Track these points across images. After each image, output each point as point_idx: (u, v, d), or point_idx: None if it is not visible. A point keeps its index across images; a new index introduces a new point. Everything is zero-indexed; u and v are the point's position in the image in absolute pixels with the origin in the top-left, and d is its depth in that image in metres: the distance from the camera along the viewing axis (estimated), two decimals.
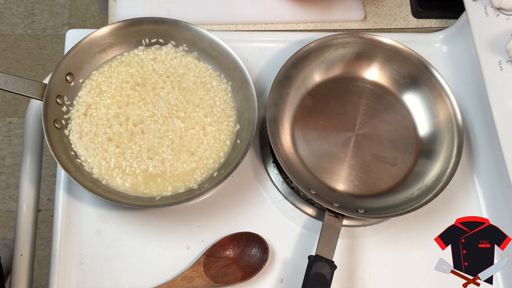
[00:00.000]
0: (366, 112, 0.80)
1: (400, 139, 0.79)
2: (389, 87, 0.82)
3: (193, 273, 0.68)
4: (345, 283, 0.72)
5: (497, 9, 0.73)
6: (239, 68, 0.75)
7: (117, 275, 0.69)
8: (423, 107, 0.80)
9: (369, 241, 0.75)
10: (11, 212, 1.57)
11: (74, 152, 0.71)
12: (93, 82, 0.76)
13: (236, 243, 0.71)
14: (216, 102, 0.76)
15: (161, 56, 0.78)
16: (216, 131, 0.75)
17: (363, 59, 0.82)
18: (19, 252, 0.73)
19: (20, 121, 1.68)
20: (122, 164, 0.71)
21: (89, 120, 0.73)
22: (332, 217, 0.68)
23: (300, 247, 0.73)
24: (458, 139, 0.75)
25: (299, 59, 0.78)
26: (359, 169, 0.76)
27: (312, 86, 0.81)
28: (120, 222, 0.72)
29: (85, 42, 0.74)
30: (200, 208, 0.74)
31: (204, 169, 0.72)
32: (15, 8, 1.83)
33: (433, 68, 0.79)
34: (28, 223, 0.75)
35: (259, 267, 0.70)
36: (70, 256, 0.69)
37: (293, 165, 0.75)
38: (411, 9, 0.91)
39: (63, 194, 0.72)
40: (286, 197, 0.76)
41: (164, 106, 0.75)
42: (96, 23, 1.83)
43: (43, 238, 1.50)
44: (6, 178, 1.61)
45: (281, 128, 0.77)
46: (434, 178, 0.74)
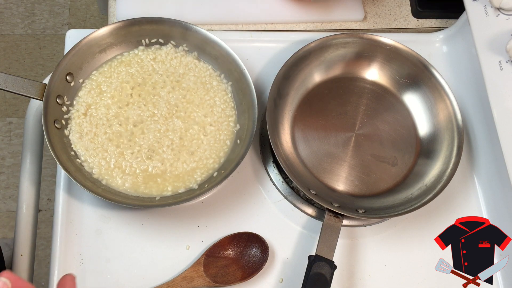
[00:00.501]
0: (366, 112, 0.80)
1: (400, 139, 0.79)
2: (389, 87, 0.82)
3: (193, 273, 0.68)
4: (345, 283, 0.72)
5: (497, 9, 0.73)
6: (239, 68, 0.75)
7: (117, 275, 0.69)
8: (423, 107, 0.80)
9: (369, 241, 0.75)
10: (11, 212, 1.57)
11: (74, 152, 0.71)
12: (93, 82, 0.76)
13: (236, 243, 0.71)
14: (216, 102, 0.76)
15: (161, 56, 0.78)
16: (216, 131, 0.75)
17: (363, 59, 0.82)
18: (19, 252, 0.73)
19: (20, 121, 1.68)
20: (122, 164, 0.71)
21: (89, 120, 0.73)
22: (332, 217, 0.68)
23: (300, 247, 0.73)
24: (458, 139, 0.75)
25: (299, 59, 0.78)
26: (359, 169, 0.76)
27: (312, 86, 0.81)
28: (120, 222, 0.72)
29: (85, 42, 0.74)
30: (200, 208, 0.74)
31: (204, 169, 0.72)
32: (15, 8, 1.83)
33: (433, 68, 0.79)
34: (28, 223, 0.75)
35: (259, 267, 0.70)
36: (70, 256, 0.69)
37: (293, 165, 0.75)
38: (411, 9, 0.91)
39: (63, 194, 0.72)
40: (286, 197, 0.76)
41: (164, 106, 0.75)
42: (96, 23, 1.83)
43: (43, 238, 1.50)
44: (6, 178, 1.61)
45: (281, 128, 0.77)
46: (434, 178, 0.74)
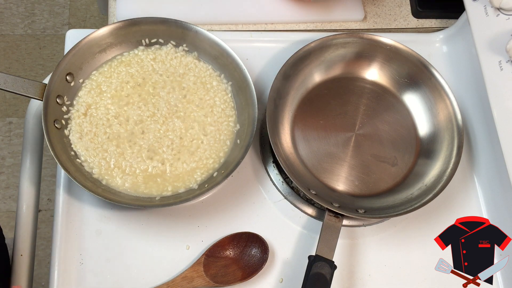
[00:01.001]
0: (366, 112, 0.80)
1: (400, 139, 0.79)
2: (389, 87, 0.82)
3: (193, 273, 0.68)
4: (345, 283, 0.72)
5: (497, 9, 0.73)
6: (239, 68, 0.75)
7: (117, 275, 0.69)
8: (423, 107, 0.80)
9: (369, 241, 0.75)
10: (11, 212, 1.57)
11: (74, 152, 0.71)
12: (93, 82, 0.76)
13: (236, 243, 0.71)
14: (216, 102, 0.76)
15: (161, 56, 0.78)
16: (216, 131, 0.75)
17: (363, 59, 0.82)
18: (19, 252, 0.73)
19: (20, 121, 1.68)
20: (122, 164, 0.71)
21: (89, 120, 0.73)
22: (332, 217, 0.68)
23: (300, 247, 0.73)
24: (458, 139, 0.75)
25: (299, 59, 0.78)
26: (359, 169, 0.76)
27: (312, 86, 0.81)
28: (120, 222, 0.72)
29: (85, 42, 0.74)
30: (200, 208, 0.74)
31: (204, 169, 0.72)
32: (15, 8, 1.83)
33: (433, 68, 0.79)
34: (28, 223, 0.75)
35: (259, 267, 0.70)
36: (70, 256, 0.69)
37: (293, 165, 0.75)
38: (411, 9, 0.91)
39: (63, 194, 0.72)
40: (286, 197, 0.76)
41: (164, 106, 0.75)
42: (96, 23, 1.83)
43: (43, 238, 1.50)
44: (6, 178, 1.61)
45: (281, 128, 0.77)
46: (434, 178, 0.74)
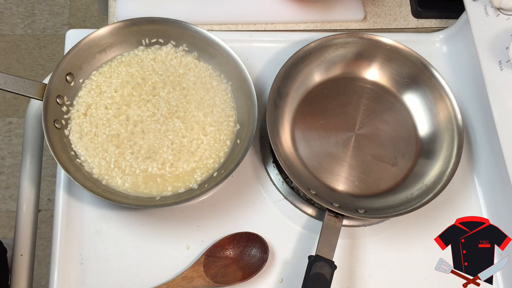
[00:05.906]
0: (366, 112, 0.80)
1: (400, 139, 0.79)
2: (389, 87, 0.82)
3: (193, 273, 0.68)
4: (345, 283, 0.72)
5: (497, 9, 0.73)
6: (239, 68, 0.75)
7: (117, 275, 0.69)
8: (423, 107, 0.80)
9: (369, 241, 0.75)
10: (11, 212, 1.57)
11: (74, 152, 0.71)
12: (93, 82, 0.76)
13: (236, 243, 0.71)
14: (216, 102, 0.76)
15: (161, 56, 0.78)
16: (216, 131, 0.75)
17: (363, 59, 0.82)
18: (19, 252, 0.73)
19: (20, 121, 1.68)
20: (122, 164, 0.71)
21: (89, 120, 0.73)
22: (332, 217, 0.68)
23: (300, 247, 0.73)
24: (458, 139, 0.75)
25: (299, 59, 0.78)
26: (359, 169, 0.76)
27: (312, 86, 0.81)
28: (120, 222, 0.72)
29: (85, 42, 0.74)
30: (200, 208, 0.74)
31: (204, 169, 0.72)
32: (15, 8, 1.83)
33: (433, 68, 0.79)
34: (28, 223, 0.75)
35: (259, 267, 0.70)
36: (70, 256, 0.69)
37: (293, 165, 0.75)
38: (411, 9, 0.91)
39: (63, 194, 0.72)
40: (286, 197, 0.76)
41: (164, 106, 0.75)
42: (96, 23, 1.83)
43: (43, 238, 1.50)
44: (6, 178, 1.61)
45: (281, 128, 0.77)
46: (434, 178, 0.74)
